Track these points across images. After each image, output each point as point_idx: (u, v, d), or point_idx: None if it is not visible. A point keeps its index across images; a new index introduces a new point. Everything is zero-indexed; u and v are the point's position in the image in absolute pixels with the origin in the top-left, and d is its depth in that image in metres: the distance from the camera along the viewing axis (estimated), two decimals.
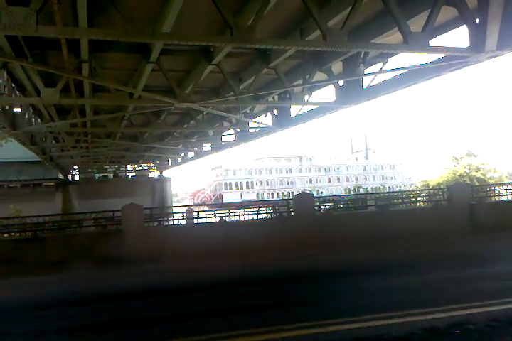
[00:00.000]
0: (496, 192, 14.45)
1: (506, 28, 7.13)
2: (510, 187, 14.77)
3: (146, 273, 9.08)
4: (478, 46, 7.52)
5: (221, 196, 73.74)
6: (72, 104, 13.14)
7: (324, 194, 61.93)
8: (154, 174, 47.37)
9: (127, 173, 47.48)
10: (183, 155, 30.59)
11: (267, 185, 77.18)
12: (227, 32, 6.68)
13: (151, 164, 41.80)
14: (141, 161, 38.03)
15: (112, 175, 45.89)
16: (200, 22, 8.32)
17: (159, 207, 32.53)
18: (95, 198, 37.45)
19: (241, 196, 72.56)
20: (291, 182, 77.96)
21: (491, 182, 26.50)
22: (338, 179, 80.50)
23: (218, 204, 52.81)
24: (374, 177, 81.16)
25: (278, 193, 73.78)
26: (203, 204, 64.82)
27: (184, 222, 12.52)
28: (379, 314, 5.19)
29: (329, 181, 79.58)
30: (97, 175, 46.24)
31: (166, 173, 46.77)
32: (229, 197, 71.55)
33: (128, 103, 12.39)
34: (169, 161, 38.02)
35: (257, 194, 74.59)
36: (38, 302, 6.85)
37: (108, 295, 7.17)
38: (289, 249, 9.72)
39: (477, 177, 26.66)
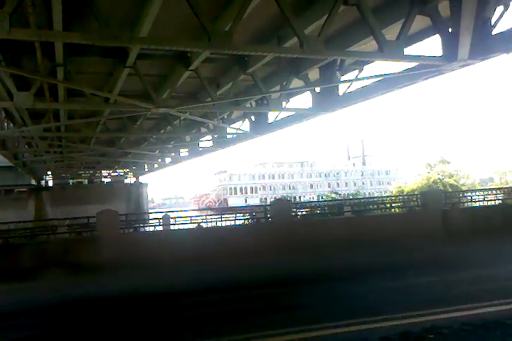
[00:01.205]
0: (468, 198, 14.77)
1: (478, 37, 7.32)
2: (481, 193, 15.12)
3: (119, 280, 8.92)
4: (450, 55, 7.70)
5: (226, 201, 74.40)
6: (46, 108, 12.90)
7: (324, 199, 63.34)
8: (130, 180, 46.81)
9: (102, 179, 46.79)
10: (159, 160, 30.33)
11: (270, 190, 78.73)
12: (205, 37, 6.67)
13: (127, 170, 41.28)
14: (116, 167, 37.51)
15: (86, 180, 45.15)
16: (178, 27, 8.30)
17: (135, 213, 32.13)
18: (70, 204, 36.75)
19: (245, 200, 72.79)
20: (293, 187, 79.51)
21: (464, 188, 27.08)
22: (338, 184, 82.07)
23: (220, 209, 52.50)
24: (371, 182, 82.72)
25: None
26: (208, 208, 64.58)
27: (160, 228, 12.42)
28: (350, 320, 5.20)
29: (329, 186, 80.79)
30: (71, 181, 45.42)
31: (142, 179, 46.30)
32: (234, 201, 72.17)
33: (103, 108, 12.24)
34: (146, 167, 37.63)
35: (260, 198, 75.27)
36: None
37: (74, 303, 7.03)
38: (265, 254, 9.71)
39: (450, 184, 27.23)
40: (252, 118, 16.22)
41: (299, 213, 14.46)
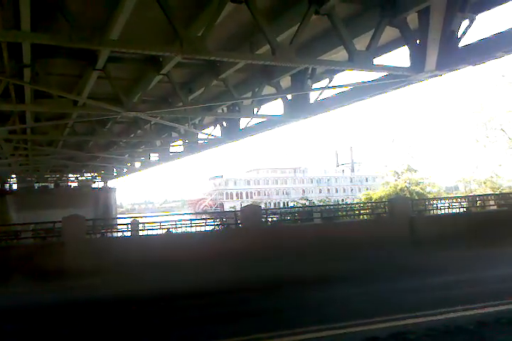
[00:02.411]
0: (434, 206, 15.10)
1: (445, 49, 7.54)
2: (447, 201, 15.49)
3: (84, 286, 8.72)
4: (418, 66, 7.92)
5: (222, 205, 74.71)
6: (11, 109, 12.55)
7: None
8: (98, 184, 45.94)
9: (69, 183, 45.75)
10: (129, 165, 29.90)
11: (265, 195, 79.87)
12: (177, 42, 6.65)
13: (96, 174, 40.51)
14: (84, 171, 36.78)
15: (53, 184, 44.03)
16: (151, 31, 8.23)
17: (103, 218, 31.51)
18: (35, 209, 35.68)
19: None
20: (287, 193, 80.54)
21: (430, 196, 27.71)
22: (328, 190, 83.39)
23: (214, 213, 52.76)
24: (360, 188, 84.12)
25: (275, 203, 76.52)
26: (205, 212, 64.40)
27: (129, 233, 12.19)
28: (314, 326, 5.23)
29: (320, 192, 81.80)
30: (36, 185, 44.21)
31: (110, 183, 45.49)
32: (230, 206, 72.44)
33: (72, 110, 12.00)
34: (114, 171, 37.02)
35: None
36: None
37: (37, 310, 6.84)
38: (233, 260, 9.67)
39: (416, 192, 27.78)
40: (224, 123, 16.22)
41: (270, 219, 14.44)
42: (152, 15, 7.36)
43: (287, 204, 66.40)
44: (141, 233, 12.07)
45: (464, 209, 14.59)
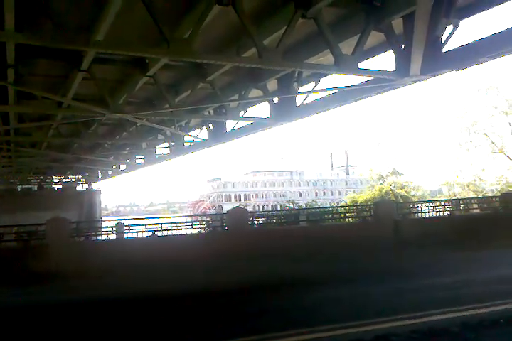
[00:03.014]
0: (419, 209, 15.25)
1: (429, 54, 7.64)
2: (431, 204, 15.66)
3: (68, 289, 8.63)
4: (403, 70, 8.00)
5: (221, 207, 75.11)
6: None
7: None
8: (83, 186, 45.43)
9: (53, 185, 45.16)
10: (114, 167, 29.65)
11: (263, 197, 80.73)
12: (164, 44, 6.63)
13: (80, 176, 40.07)
14: (68, 173, 36.37)
15: (36, 186, 43.42)
16: (137, 32, 8.18)
17: (87, 220, 31.19)
18: (18, 211, 35.13)
19: (284, 206, 73.69)
20: (284, 195, 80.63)
21: (414, 199, 28.00)
22: (324, 193, 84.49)
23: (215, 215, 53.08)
24: (354, 191, 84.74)
25: (272, 205, 76.55)
26: (204, 214, 64.46)
27: (114, 236, 12.11)
28: (295, 330, 5.22)
29: (316, 195, 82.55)
30: (19, 187, 43.54)
31: (95, 186, 45.04)
32: (228, 208, 72.31)
33: (56, 112, 11.90)
34: (99, 173, 36.67)
35: (253, 206, 76.38)
36: None
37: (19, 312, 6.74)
38: (219, 262, 9.66)
39: (401, 195, 28.07)
40: (210, 126, 16.18)
41: (256, 222, 14.44)
42: (139, 17, 7.33)
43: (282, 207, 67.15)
44: (126, 236, 12.00)
45: (448, 213, 14.77)
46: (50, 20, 6.19)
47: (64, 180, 43.31)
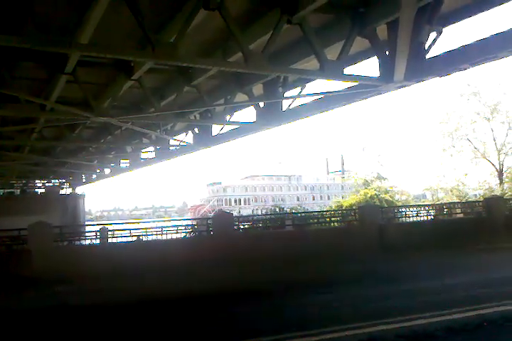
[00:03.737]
0: (403, 213, 15.39)
1: (413, 60, 7.73)
2: (415, 209, 15.81)
3: (52, 294, 8.51)
4: (387, 76, 8.09)
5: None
6: None
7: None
8: (66, 191, 44.86)
9: (36, 189, 44.51)
10: (98, 171, 29.36)
11: (262, 201, 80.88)
12: (149, 47, 6.61)
13: (63, 180, 39.59)
14: (52, 177, 35.91)
15: (19, 191, 42.77)
16: (123, 35, 8.15)
17: (71, 225, 30.79)
18: (0, 216, 34.56)
19: (239, 211, 73.47)
20: (282, 199, 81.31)
21: (399, 204, 28.23)
22: (321, 197, 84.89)
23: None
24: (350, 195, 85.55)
25: (270, 209, 76.40)
26: (205, 218, 64.53)
27: (97, 241, 11.97)
28: (273, 335, 5.20)
29: (313, 199, 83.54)
30: (1, 191, 42.84)
31: (79, 190, 44.52)
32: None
33: (39, 115, 11.73)
34: (83, 177, 36.27)
35: (252, 210, 76.86)
36: None
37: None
38: (204, 267, 9.62)
39: (386, 199, 28.25)
40: (196, 130, 16.12)
41: (241, 226, 14.41)
42: (124, 20, 7.29)
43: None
44: (110, 240, 11.88)
45: (432, 217, 14.92)
46: (33, 23, 6.11)
47: (47, 184, 42.75)
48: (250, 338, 5.17)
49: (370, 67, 9.46)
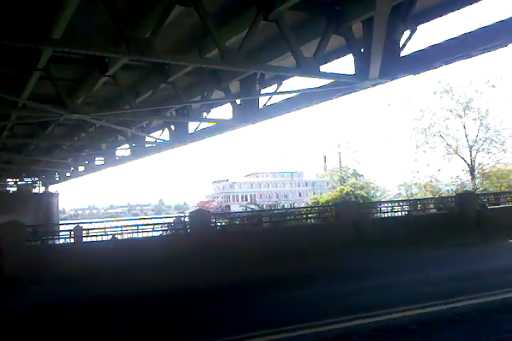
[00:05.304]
0: (378, 209, 15.62)
1: (387, 58, 7.83)
2: (390, 205, 16.06)
3: (25, 295, 8.35)
4: (362, 74, 8.17)
5: (229, 207, 77.60)
6: None
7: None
8: (39, 189, 43.95)
9: (8, 188, 43.45)
10: (72, 169, 28.84)
11: (266, 197, 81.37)
12: (124, 43, 6.51)
13: (37, 178, 38.77)
14: (24, 175, 35.13)
15: None
16: (96, 31, 8.00)
17: (44, 224, 30.17)
18: None
19: (246, 207, 74.42)
20: (285, 195, 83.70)
21: (374, 200, 28.64)
22: (321, 193, 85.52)
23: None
24: None
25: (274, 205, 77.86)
26: (213, 213, 65.03)
27: (72, 240, 11.78)
28: (248, 333, 5.23)
29: (314, 194, 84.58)
30: None
31: (52, 188, 43.66)
32: (235, 208, 74.08)
33: (10, 112, 11.46)
34: (57, 176, 35.59)
35: (259, 205, 77.38)
36: None
37: None
38: (180, 265, 9.59)
39: (361, 196, 28.61)
40: (172, 127, 15.99)
41: (219, 224, 14.39)
42: (98, 16, 7.17)
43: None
44: (85, 239, 11.71)
45: (406, 213, 15.19)
46: (4, 17, 5.96)
47: (20, 183, 41.79)
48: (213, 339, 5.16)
49: (346, 64, 9.55)
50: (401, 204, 16.40)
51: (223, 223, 14.88)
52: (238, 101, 12.28)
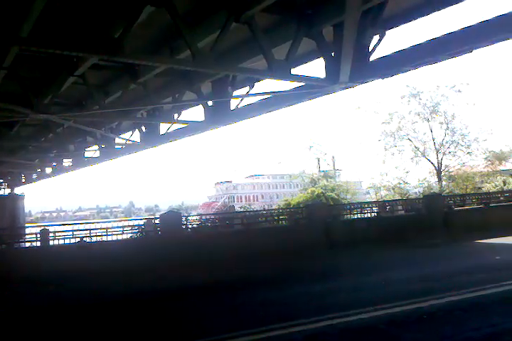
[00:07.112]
0: (348, 210, 15.81)
1: (357, 62, 7.97)
2: (359, 206, 16.30)
3: None
4: (333, 77, 8.28)
5: (233, 207, 78.19)
6: None
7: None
8: (4, 191, 42.64)
9: None
10: (39, 170, 28.12)
11: (268, 198, 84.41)
12: (93, 42, 6.41)
13: (1, 180, 37.62)
14: None
15: None
16: (65, 30, 7.83)
17: (9, 227, 29.28)
18: None
19: (249, 207, 74.88)
20: (285, 196, 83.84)
21: (344, 201, 28.98)
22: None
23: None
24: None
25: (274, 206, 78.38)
26: (217, 213, 64.11)
27: (38, 243, 11.48)
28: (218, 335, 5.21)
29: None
30: None
31: (18, 190, 42.45)
32: (239, 208, 73.44)
33: None
34: (23, 177, 34.63)
35: (260, 206, 78.30)
36: None
37: None
38: (150, 268, 9.47)
39: (332, 197, 28.90)
40: (143, 128, 15.80)
41: (190, 226, 14.28)
42: (67, 14, 7.04)
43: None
44: (52, 243, 11.44)
45: (375, 214, 15.43)
46: None
47: None
48: None
49: (317, 68, 9.65)
50: (370, 205, 16.65)
51: (194, 225, 14.78)
52: (210, 103, 12.24)
